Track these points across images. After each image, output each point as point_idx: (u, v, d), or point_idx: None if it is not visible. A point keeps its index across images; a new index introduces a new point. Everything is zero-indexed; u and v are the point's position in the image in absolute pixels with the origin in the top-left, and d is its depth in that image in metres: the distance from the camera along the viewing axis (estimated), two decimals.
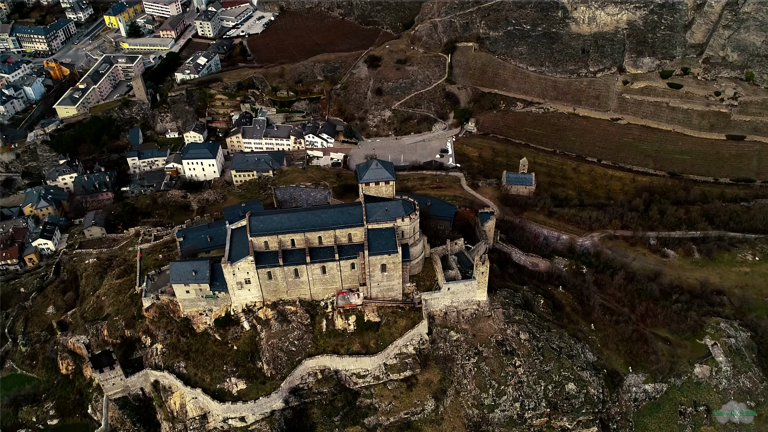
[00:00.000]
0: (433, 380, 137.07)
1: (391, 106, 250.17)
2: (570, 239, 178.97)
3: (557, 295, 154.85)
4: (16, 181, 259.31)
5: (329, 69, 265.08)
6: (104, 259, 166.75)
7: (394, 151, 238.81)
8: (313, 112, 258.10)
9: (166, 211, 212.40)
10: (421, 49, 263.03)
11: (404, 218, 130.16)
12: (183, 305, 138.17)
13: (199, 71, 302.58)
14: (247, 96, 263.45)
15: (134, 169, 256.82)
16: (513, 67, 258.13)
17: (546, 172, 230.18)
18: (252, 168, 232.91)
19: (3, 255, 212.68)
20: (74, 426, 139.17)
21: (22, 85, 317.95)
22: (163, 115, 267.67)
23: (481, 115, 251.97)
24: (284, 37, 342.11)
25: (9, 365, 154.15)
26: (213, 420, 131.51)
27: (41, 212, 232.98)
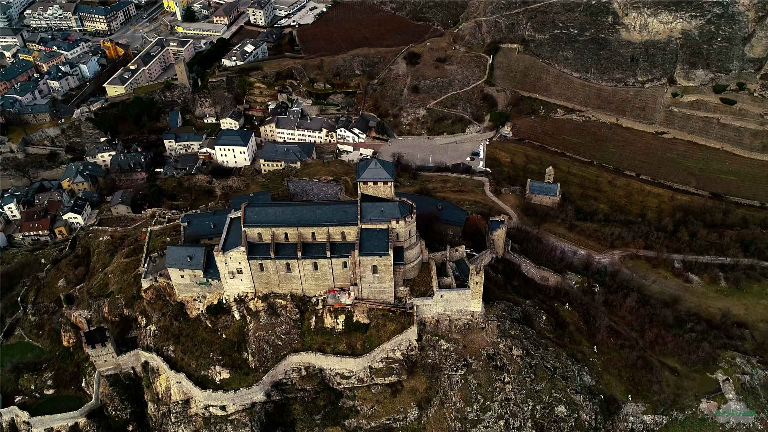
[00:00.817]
0: (419, 388, 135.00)
1: (426, 104, 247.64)
2: (588, 255, 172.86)
3: (562, 313, 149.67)
4: (60, 156, 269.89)
5: (368, 63, 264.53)
6: (117, 238, 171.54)
7: (424, 151, 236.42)
8: (348, 106, 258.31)
9: (190, 194, 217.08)
10: (462, 49, 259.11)
11: (399, 220, 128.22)
12: (178, 289, 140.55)
13: (245, 58, 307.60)
14: (285, 86, 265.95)
15: (170, 151, 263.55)
16: (557, 72, 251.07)
17: (579, 183, 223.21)
18: (280, 158, 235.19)
19: (35, 226, 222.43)
20: (68, 398, 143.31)
21: (78, 63, 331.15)
22: (202, 100, 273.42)
23: (519, 119, 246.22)
24: (334, 29, 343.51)
25: (18, 333, 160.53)
26: (195, 406, 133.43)
27: (77, 187, 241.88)
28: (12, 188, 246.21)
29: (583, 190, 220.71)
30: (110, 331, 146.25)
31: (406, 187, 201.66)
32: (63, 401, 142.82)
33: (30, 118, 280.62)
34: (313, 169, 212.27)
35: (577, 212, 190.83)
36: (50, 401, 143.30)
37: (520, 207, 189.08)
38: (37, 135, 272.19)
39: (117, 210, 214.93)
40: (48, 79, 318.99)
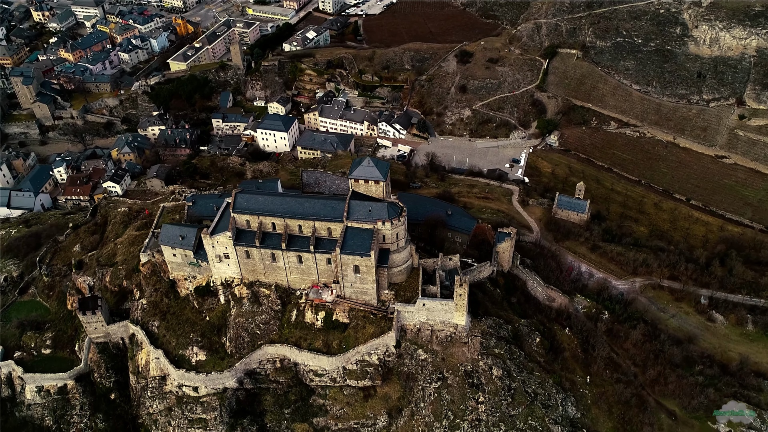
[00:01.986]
0: (392, 396, 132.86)
1: (472, 105, 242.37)
2: (605, 279, 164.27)
3: (560, 337, 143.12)
4: (116, 125, 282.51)
5: (418, 59, 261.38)
6: (134, 210, 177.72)
7: (463, 153, 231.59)
8: (393, 100, 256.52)
9: (222, 175, 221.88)
10: (517, 50, 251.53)
11: (386, 222, 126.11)
12: (171, 267, 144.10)
13: (306, 45, 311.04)
14: (335, 75, 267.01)
15: (217, 130, 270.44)
16: (615, 82, 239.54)
17: (621, 202, 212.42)
18: (317, 147, 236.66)
19: (77, 191, 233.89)
20: (62, 359, 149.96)
21: (149, 37, 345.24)
22: (254, 83, 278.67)
23: (567, 129, 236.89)
24: (400, 21, 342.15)
25: (32, 291, 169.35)
26: (170, 383, 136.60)
27: (124, 157, 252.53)
28: (65, 153, 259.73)
29: (624, 209, 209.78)
30: (107, 300, 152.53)
31: (431, 188, 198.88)
32: (57, 362, 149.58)
33: (92, 87, 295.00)
34: (341, 161, 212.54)
35: (605, 233, 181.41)
36: (45, 360, 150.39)
37: (544, 221, 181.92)
38: (96, 104, 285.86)
39: (151, 183, 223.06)
40: (119, 51, 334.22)
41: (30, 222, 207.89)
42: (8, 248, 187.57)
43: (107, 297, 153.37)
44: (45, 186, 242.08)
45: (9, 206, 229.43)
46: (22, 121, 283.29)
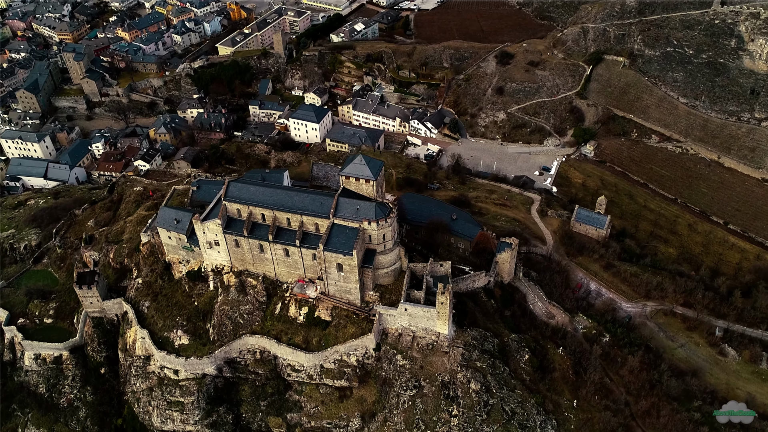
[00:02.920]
0: (367, 399, 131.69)
1: (507, 108, 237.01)
2: (614, 300, 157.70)
3: (552, 356, 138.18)
4: (158, 106, 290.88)
5: (457, 57, 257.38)
6: (148, 191, 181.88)
7: (492, 157, 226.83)
8: (428, 98, 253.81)
9: (246, 161, 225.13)
10: (560, 54, 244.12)
11: (371, 222, 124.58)
12: (167, 249, 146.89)
13: (353, 36, 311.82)
14: (373, 69, 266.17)
15: (253, 117, 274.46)
16: (661, 93, 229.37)
17: (653, 221, 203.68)
18: (345, 141, 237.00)
19: (109, 167, 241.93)
20: (61, 329, 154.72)
21: (203, 21, 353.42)
22: (294, 72, 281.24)
23: (605, 139, 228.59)
24: (452, 17, 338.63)
25: (45, 261, 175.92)
26: (153, 364, 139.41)
27: (159, 137, 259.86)
28: (105, 129, 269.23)
29: (654, 228, 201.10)
30: (109, 276, 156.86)
31: (448, 190, 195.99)
32: (56, 332, 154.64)
33: (140, 67, 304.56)
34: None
35: (623, 251, 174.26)
36: (45, 329, 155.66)
37: (560, 234, 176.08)
38: (142, 83, 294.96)
39: (178, 165, 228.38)
40: (172, 33, 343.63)
41: (60, 194, 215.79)
42: (33, 218, 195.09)
43: (109, 273, 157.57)
44: (82, 160, 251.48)
45: (46, 177, 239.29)
46: (72, 96, 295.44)
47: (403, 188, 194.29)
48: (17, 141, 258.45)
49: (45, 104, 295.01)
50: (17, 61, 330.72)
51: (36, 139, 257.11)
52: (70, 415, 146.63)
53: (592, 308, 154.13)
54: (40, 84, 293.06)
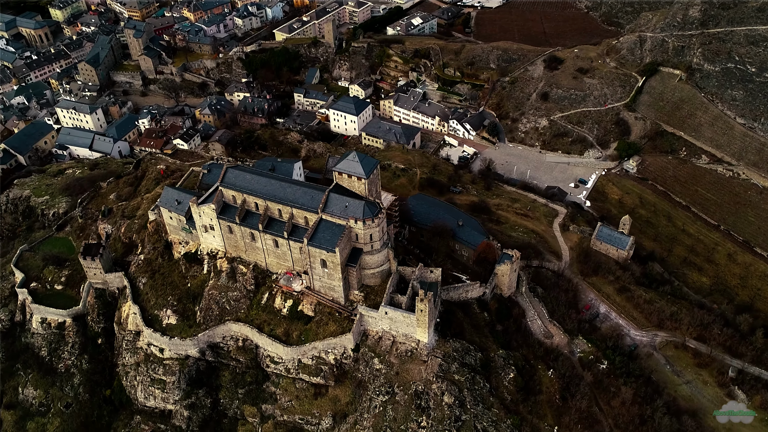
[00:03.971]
0: (341, 399, 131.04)
1: (550, 115, 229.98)
2: (622, 326, 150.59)
3: (541, 377, 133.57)
4: (209, 87, 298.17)
5: (505, 59, 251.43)
6: (170, 170, 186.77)
7: (528, 164, 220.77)
8: (471, 98, 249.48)
9: (279, 148, 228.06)
10: (612, 63, 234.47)
11: (358, 221, 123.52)
12: (169, 229, 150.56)
13: (409, 31, 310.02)
14: (419, 65, 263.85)
15: (298, 105, 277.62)
16: (717, 112, 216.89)
17: (689, 246, 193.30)
18: (380, 136, 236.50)
19: (150, 143, 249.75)
20: (69, 297, 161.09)
21: (265, 6, 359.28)
22: (341, 63, 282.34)
23: (650, 156, 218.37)
24: (515, 17, 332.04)
25: (68, 229, 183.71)
26: (142, 340, 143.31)
27: (204, 118, 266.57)
28: (154, 106, 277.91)
29: (689, 254, 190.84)
30: (117, 250, 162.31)
31: (470, 195, 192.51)
32: (63, 299, 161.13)
33: (195, 47, 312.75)
34: (390, 153, 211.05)
35: (644, 276, 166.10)
36: (54, 295, 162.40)
37: (577, 251, 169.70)
38: (195, 63, 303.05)
39: (213, 147, 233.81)
40: (235, 16, 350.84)
41: (98, 165, 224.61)
42: (67, 187, 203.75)
43: (118, 247, 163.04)
44: (128, 135, 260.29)
45: (91, 148, 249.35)
46: (129, 72, 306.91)
47: (425, 188, 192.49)
48: (71, 111, 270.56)
49: (104, 77, 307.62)
50: (86, 35, 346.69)
51: (88, 111, 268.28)
52: (66, 381, 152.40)
53: (595, 332, 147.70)
54: (100, 58, 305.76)
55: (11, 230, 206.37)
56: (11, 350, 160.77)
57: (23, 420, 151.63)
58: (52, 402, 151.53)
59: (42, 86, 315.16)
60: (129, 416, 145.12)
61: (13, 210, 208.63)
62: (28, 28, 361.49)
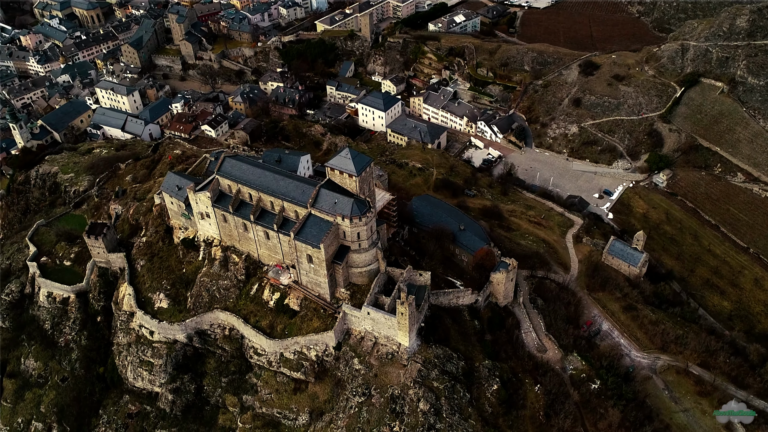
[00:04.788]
0: (320, 397, 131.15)
1: (581, 122, 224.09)
2: (623, 346, 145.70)
3: (527, 392, 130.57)
4: (246, 75, 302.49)
5: (539, 61, 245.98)
6: (186, 155, 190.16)
7: (552, 171, 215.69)
8: (502, 100, 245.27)
9: (301, 140, 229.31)
10: (650, 71, 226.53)
11: (345, 218, 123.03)
12: (171, 214, 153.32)
13: (450, 28, 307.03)
14: (452, 63, 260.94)
15: (330, 97, 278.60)
16: (758, 128, 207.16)
17: (713, 267, 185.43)
18: (405, 134, 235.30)
19: (179, 127, 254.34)
20: (75, 273, 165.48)
21: None
22: (376, 57, 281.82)
23: (682, 170, 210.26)
24: (563, 19, 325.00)
25: (84, 207, 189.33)
26: (134, 321, 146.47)
27: (235, 105, 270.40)
28: (190, 90, 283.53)
29: (712, 276, 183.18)
30: (123, 231, 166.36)
31: (484, 199, 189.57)
32: (70, 275, 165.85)
33: (236, 35, 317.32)
34: (408, 152, 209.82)
35: (654, 295, 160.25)
36: (62, 271, 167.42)
37: (587, 263, 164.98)
38: (234, 51, 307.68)
39: (238, 134, 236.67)
40: (279, 6, 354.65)
41: (125, 146, 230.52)
42: (91, 165, 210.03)
43: (125, 228, 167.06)
44: (161, 118, 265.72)
45: (123, 129, 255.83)
46: (170, 56, 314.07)
47: (440, 190, 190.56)
48: (109, 92, 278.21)
49: (146, 60, 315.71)
50: (134, 17, 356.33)
51: (125, 92, 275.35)
52: (64, 355, 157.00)
53: (593, 350, 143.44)
54: (143, 41, 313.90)
55: (37, 204, 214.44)
56: (18, 321, 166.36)
57: (22, 390, 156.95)
58: (50, 375, 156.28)
59: (87, 66, 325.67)
60: (119, 395, 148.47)
61: (41, 185, 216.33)
62: (81, 8, 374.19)
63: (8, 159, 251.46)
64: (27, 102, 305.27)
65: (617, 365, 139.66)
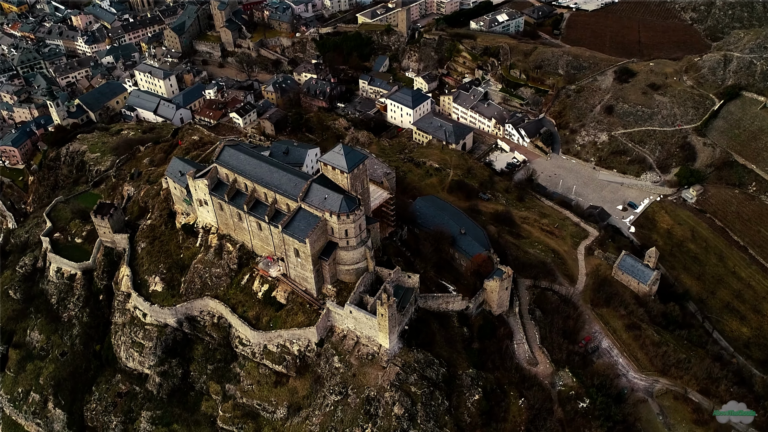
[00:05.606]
0: (299, 392, 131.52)
1: (612, 130, 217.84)
2: (620, 366, 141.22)
3: (510, 405, 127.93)
4: (282, 65, 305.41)
5: (574, 65, 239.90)
6: (203, 141, 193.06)
7: (577, 180, 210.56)
8: (533, 104, 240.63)
9: (324, 133, 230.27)
10: (689, 81, 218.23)
11: (333, 214, 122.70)
12: (175, 199, 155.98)
13: (492, 27, 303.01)
14: (486, 63, 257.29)
15: (362, 92, 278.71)
16: None
17: (736, 291, 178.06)
18: (430, 132, 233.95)
19: (208, 113, 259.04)
20: (84, 251, 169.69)
21: None
22: (411, 53, 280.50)
23: (714, 187, 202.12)
24: (611, 23, 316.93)
25: (102, 187, 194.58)
26: (130, 302, 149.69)
27: (267, 95, 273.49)
28: (225, 77, 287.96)
29: (733, 300, 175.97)
30: (132, 213, 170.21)
31: (498, 204, 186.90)
32: (79, 252, 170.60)
33: (275, 24, 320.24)
34: (428, 150, 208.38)
35: (662, 316, 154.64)
36: (72, 248, 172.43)
37: (594, 277, 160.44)
38: (272, 41, 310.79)
39: (263, 124, 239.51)
40: None
41: (153, 129, 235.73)
42: (117, 146, 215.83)
43: (134, 210, 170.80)
44: (194, 103, 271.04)
45: (155, 113, 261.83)
46: (210, 42, 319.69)
47: (454, 191, 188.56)
48: (147, 75, 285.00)
49: (187, 45, 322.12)
50: (181, 2, 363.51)
51: (162, 76, 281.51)
52: (66, 330, 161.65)
53: (587, 367, 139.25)
54: (185, 26, 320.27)
55: (64, 181, 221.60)
56: (29, 293, 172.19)
57: (24, 360, 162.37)
58: (51, 348, 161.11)
59: (132, 48, 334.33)
60: (112, 373, 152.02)
61: (69, 162, 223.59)
62: None
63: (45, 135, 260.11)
64: (71, 81, 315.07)
65: (610, 385, 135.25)
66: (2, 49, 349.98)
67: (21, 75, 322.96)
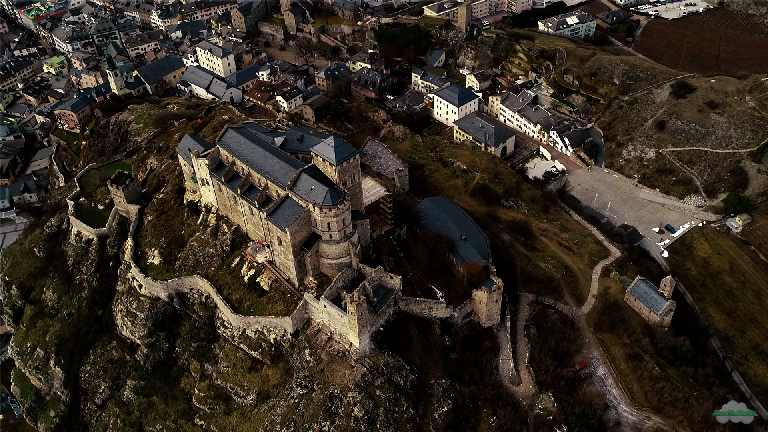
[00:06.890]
0: (271, 381, 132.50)
1: (661, 147, 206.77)
2: (612, 396, 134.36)
3: (481, 422, 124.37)
4: (341, 52, 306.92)
5: (631, 76, 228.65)
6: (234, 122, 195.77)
7: (616, 196, 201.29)
8: (583, 112, 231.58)
9: (361, 124, 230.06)
10: (752, 102, 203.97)
11: (316, 206, 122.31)
12: (184, 175, 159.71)
13: (559, 29, 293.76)
14: (541, 66, 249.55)
15: (414, 85, 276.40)
16: None
17: (763, 332, 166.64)
18: (470, 133, 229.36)
19: (256, 95, 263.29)
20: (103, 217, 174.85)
21: None
22: (467, 50, 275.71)
23: (764, 218, 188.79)
24: (691, 34, 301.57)
25: (134, 158, 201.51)
26: (130, 273, 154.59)
27: (318, 81, 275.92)
28: (281, 60, 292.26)
29: (763, 342, 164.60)
30: (150, 185, 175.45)
31: (519, 212, 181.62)
32: (99, 218, 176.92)
33: (338, 11, 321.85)
34: (457, 151, 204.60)
35: (671, 350, 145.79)
36: (93, 213, 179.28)
37: (603, 299, 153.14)
38: (333, 27, 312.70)
39: (305, 110, 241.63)
40: None
41: (199, 106, 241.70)
42: (158, 118, 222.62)
43: (153, 183, 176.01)
44: (247, 84, 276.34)
45: (207, 90, 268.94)
46: (274, 25, 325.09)
47: (476, 195, 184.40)
48: (207, 52, 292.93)
49: (252, 26, 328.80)
50: None
51: (220, 54, 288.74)
52: (76, 293, 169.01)
53: (574, 393, 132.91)
54: (252, 6, 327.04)
55: (109, 149, 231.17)
56: (51, 253, 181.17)
57: (37, 317, 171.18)
58: (61, 308, 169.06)
59: (200, 25, 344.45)
60: (108, 339, 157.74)
61: (117, 131, 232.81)
62: None
63: (103, 103, 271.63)
64: (141, 52, 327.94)
65: (593, 415, 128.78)
66: (83, 17, 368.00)
67: (95, 43, 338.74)
